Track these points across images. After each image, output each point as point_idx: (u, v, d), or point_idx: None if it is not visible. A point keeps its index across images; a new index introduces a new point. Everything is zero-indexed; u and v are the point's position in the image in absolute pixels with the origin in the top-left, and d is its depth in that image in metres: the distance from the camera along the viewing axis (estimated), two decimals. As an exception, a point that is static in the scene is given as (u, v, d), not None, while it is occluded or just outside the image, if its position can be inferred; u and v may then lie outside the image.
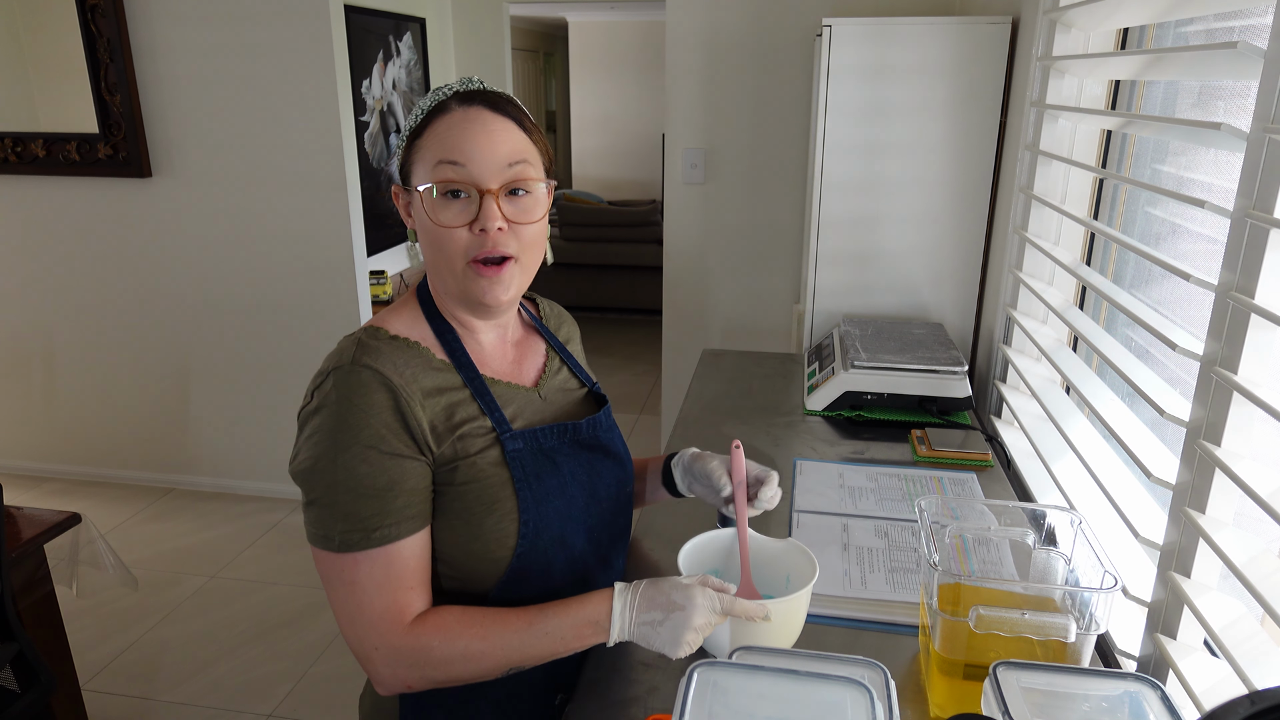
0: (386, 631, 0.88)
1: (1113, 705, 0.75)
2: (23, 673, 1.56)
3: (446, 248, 0.92)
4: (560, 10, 7.20)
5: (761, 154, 2.96)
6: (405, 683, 0.89)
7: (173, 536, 3.11)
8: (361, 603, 0.88)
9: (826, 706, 0.71)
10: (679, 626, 0.87)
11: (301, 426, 0.91)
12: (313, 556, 0.91)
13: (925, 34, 1.88)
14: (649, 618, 0.88)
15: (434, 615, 0.90)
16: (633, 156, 7.88)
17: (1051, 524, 1.03)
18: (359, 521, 0.87)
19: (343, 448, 0.86)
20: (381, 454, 0.87)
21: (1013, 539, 1.07)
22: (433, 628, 0.88)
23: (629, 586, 0.91)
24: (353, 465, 0.86)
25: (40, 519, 1.74)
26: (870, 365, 1.70)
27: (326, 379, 0.89)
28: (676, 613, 0.87)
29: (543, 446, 0.98)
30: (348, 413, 0.87)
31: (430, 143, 0.91)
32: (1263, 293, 0.86)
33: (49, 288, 3.30)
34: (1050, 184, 1.62)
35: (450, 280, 0.95)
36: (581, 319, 6.20)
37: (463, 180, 0.90)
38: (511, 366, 1.04)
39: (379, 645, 0.88)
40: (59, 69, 3.02)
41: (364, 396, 0.87)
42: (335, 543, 0.87)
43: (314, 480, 0.88)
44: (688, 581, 0.90)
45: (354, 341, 0.92)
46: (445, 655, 0.88)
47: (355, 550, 0.87)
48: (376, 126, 3.17)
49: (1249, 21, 1.14)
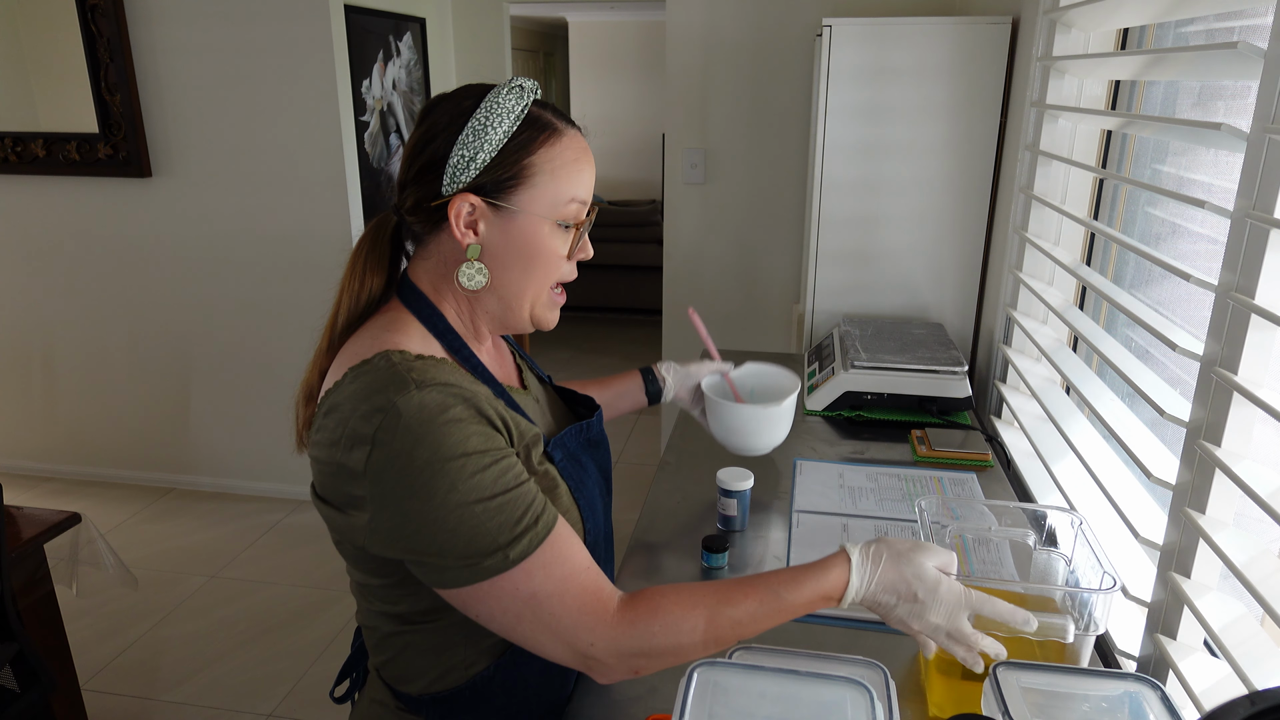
0: (595, 624, 0.80)
1: (1113, 705, 0.75)
2: (23, 673, 1.56)
3: (546, 276, 0.90)
4: (560, 10, 7.19)
5: (761, 154, 2.96)
6: (633, 669, 0.82)
7: (173, 536, 3.11)
8: (554, 610, 0.79)
9: (826, 706, 0.71)
10: (909, 617, 0.84)
11: (374, 478, 0.77)
12: (469, 600, 0.80)
13: (925, 34, 1.88)
14: (885, 599, 0.85)
15: (649, 599, 0.82)
16: (633, 156, 7.87)
17: (1052, 525, 1.03)
18: (510, 529, 0.78)
19: (458, 471, 0.77)
20: (493, 458, 0.80)
21: (1013, 539, 1.07)
22: (647, 612, 0.81)
23: (867, 557, 0.86)
24: (472, 479, 0.78)
25: (40, 519, 1.74)
26: (870, 365, 1.70)
27: (387, 415, 0.77)
28: (914, 604, 0.84)
29: (570, 450, 0.97)
30: (441, 435, 0.77)
31: (554, 172, 0.87)
32: (1263, 293, 0.86)
33: (49, 288, 3.30)
34: (1050, 184, 1.62)
35: (526, 307, 0.91)
36: (581, 319, 6.17)
37: (582, 216, 0.90)
38: (504, 371, 1.02)
39: (594, 641, 0.80)
40: (59, 69, 3.01)
41: (445, 412, 0.78)
42: (510, 559, 0.78)
43: (438, 521, 0.77)
44: (934, 573, 0.84)
45: (391, 367, 0.81)
46: (671, 642, 0.81)
47: (532, 552, 0.79)
48: (376, 126, 3.17)
49: (1249, 21, 1.14)
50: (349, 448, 0.78)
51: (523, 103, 0.86)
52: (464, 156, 0.85)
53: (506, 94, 0.86)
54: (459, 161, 0.85)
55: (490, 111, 0.85)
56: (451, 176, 0.85)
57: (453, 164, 0.85)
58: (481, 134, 0.84)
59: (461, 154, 0.85)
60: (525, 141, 0.85)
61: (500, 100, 0.85)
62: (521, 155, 0.85)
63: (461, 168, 0.85)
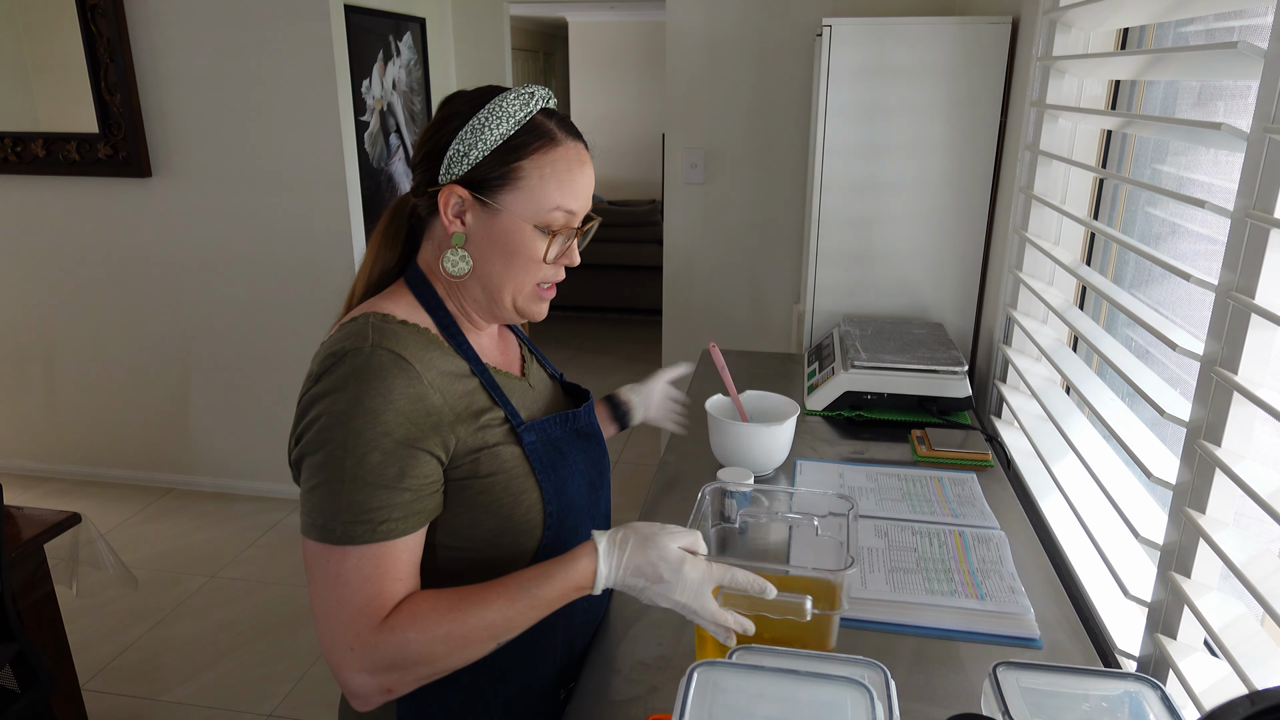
0: (363, 628, 0.82)
1: (1113, 705, 0.75)
2: (23, 673, 1.56)
3: (528, 275, 0.93)
4: (560, 10, 7.19)
5: (761, 154, 2.96)
6: (385, 688, 0.84)
7: (173, 536, 3.11)
8: (342, 597, 0.83)
9: (826, 706, 0.71)
10: (658, 598, 0.88)
11: (304, 410, 0.86)
12: (303, 547, 0.85)
13: (925, 34, 1.88)
14: (633, 583, 0.89)
15: (405, 606, 0.84)
16: (633, 156, 7.87)
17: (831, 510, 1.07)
18: (364, 513, 0.82)
19: (355, 434, 0.82)
20: (396, 443, 0.83)
21: (798, 524, 1.10)
22: (406, 618, 0.83)
23: (615, 544, 0.89)
24: (364, 453, 0.82)
25: (40, 519, 1.74)
26: (870, 365, 1.70)
27: (341, 361, 0.84)
28: (660, 585, 0.88)
29: (550, 437, 0.98)
30: (364, 397, 0.82)
31: (544, 179, 0.90)
32: (1263, 293, 0.86)
33: (49, 288, 3.30)
34: (1050, 184, 1.62)
35: (508, 299, 0.94)
36: (581, 319, 6.17)
37: (569, 224, 0.93)
38: (504, 357, 1.04)
39: (354, 645, 0.82)
40: (59, 69, 3.01)
41: (383, 380, 0.83)
42: (336, 534, 0.82)
43: (320, 466, 0.83)
44: (678, 554, 0.88)
45: (366, 324, 0.87)
46: (425, 649, 0.82)
47: (357, 543, 0.82)
48: (376, 126, 3.17)
49: (1249, 21, 1.14)
50: (306, 386, 0.87)
51: (527, 109, 0.90)
52: (460, 150, 0.90)
53: (514, 98, 0.91)
54: (455, 154, 0.90)
55: (492, 112, 0.90)
56: (447, 167, 0.91)
57: (450, 156, 0.90)
58: (480, 132, 0.89)
59: (459, 148, 0.90)
60: (519, 145, 0.89)
61: (505, 103, 0.90)
62: (513, 158, 0.89)
63: (457, 160, 0.90)
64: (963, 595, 1.13)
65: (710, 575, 0.88)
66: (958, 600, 1.12)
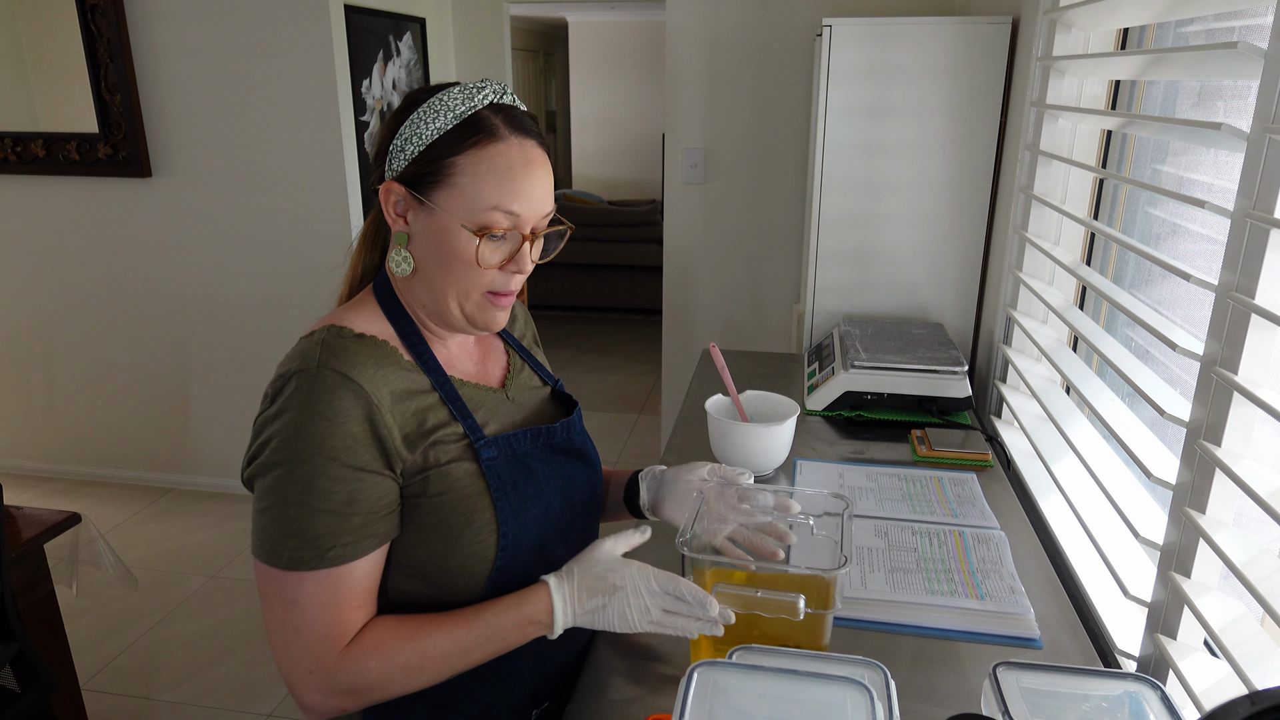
0: (324, 654, 0.82)
1: (1113, 705, 0.75)
2: (23, 673, 1.56)
3: (469, 280, 0.88)
4: (560, 10, 7.20)
5: (761, 154, 2.96)
6: (339, 708, 0.85)
7: (172, 536, 3.11)
8: (300, 624, 0.82)
9: (826, 706, 0.71)
10: (624, 608, 0.88)
11: (258, 432, 0.84)
12: (254, 566, 0.84)
13: (925, 34, 1.88)
14: (592, 604, 0.88)
15: (367, 633, 0.84)
16: (633, 156, 7.88)
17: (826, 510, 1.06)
18: (312, 540, 0.81)
19: (302, 458, 0.80)
20: (344, 467, 0.81)
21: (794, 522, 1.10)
22: (369, 647, 0.83)
23: (564, 577, 0.90)
24: (311, 478, 0.81)
25: (40, 519, 1.74)
26: (870, 365, 1.70)
27: (288, 382, 0.83)
28: (617, 594, 0.87)
29: (517, 452, 0.94)
30: (310, 421, 0.81)
31: (479, 177, 0.84)
32: (1263, 293, 0.86)
33: (49, 288, 3.30)
34: (1050, 184, 1.62)
35: (454, 305, 0.90)
36: (581, 319, 6.15)
37: (510, 227, 0.87)
38: (478, 367, 1.00)
39: (313, 669, 0.82)
40: (59, 69, 3.01)
41: (329, 403, 0.81)
42: (284, 559, 0.81)
43: (267, 490, 0.82)
44: (620, 561, 0.90)
45: (318, 342, 0.85)
46: (383, 676, 0.83)
47: (304, 569, 0.81)
48: (376, 126, 3.17)
49: (1249, 21, 1.14)
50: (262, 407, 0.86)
51: (470, 103, 0.86)
52: (397, 145, 0.88)
53: (458, 92, 0.87)
54: (394, 149, 0.88)
55: (431, 106, 0.86)
56: (387, 163, 0.89)
57: (391, 151, 0.88)
58: (417, 126, 0.86)
59: (398, 142, 0.88)
60: (453, 140, 0.85)
61: (448, 97, 0.86)
62: (444, 153, 0.85)
63: (395, 155, 0.88)
64: (963, 595, 1.13)
65: (655, 572, 0.89)
66: (958, 600, 1.12)
